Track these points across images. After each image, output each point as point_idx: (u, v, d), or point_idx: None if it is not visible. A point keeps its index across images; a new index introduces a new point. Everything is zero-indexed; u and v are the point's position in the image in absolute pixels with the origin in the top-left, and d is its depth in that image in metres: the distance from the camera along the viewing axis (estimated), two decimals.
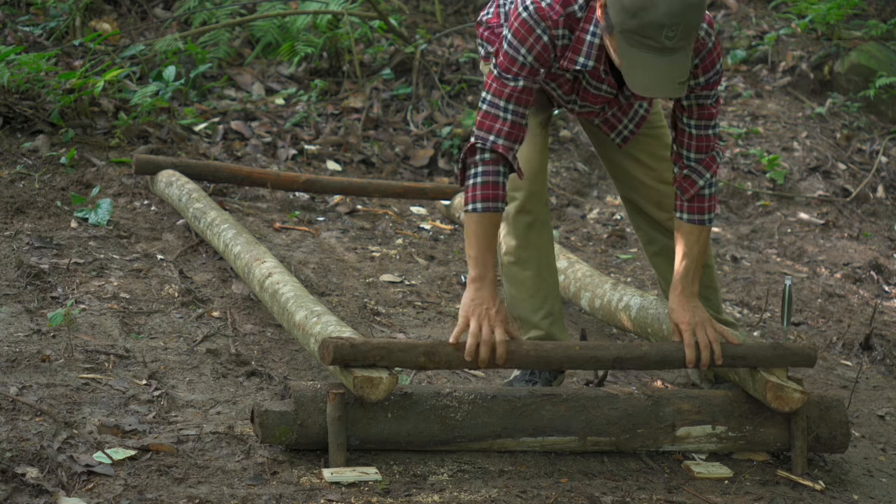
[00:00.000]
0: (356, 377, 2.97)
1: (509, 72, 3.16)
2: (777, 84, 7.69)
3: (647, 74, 2.95)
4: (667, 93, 2.99)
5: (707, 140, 3.30)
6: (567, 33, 3.13)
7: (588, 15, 3.12)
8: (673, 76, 2.94)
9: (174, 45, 6.48)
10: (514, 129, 3.18)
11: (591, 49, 3.14)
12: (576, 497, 2.97)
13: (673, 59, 2.92)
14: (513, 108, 3.17)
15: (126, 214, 4.98)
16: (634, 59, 2.95)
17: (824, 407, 3.34)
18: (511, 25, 3.15)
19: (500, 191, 3.18)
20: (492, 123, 3.18)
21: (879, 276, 5.64)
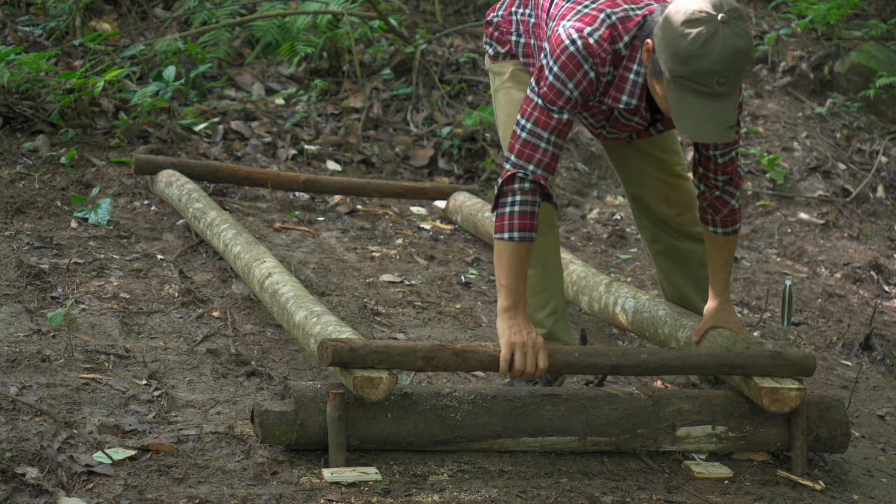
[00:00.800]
0: (356, 377, 2.97)
1: (555, 104, 3.18)
2: (777, 84, 7.69)
3: (698, 119, 3.00)
4: (718, 138, 3.05)
5: (732, 163, 3.39)
6: (612, 70, 3.17)
7: (632, 53, 3.14)
8: (722, 120, 3.00)
9: (174, 45, 6.48)
10: (553, 160, 3.22)
11: (634, 88, 3.18)
12: (576, 497, 2.97)
13: (722, 104, 2.98)
14: (554, 139, 3.21)
15: (126, 214, 4.98)
16: (685, 105, 3.00)
17: (824, 407, 3.34)
18: (557, 57, 3.15)
19: (535, 221, 3.23)
20: (532, 153, 3.20)
21: (879, 276, 5.64)
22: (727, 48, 2.92)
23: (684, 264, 3.75)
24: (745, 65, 2.98)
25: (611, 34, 3.13)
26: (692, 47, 2.93)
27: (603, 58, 3.13)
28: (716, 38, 2.92)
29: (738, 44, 2.94)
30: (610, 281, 4.17)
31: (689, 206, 3.65)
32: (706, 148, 3.35)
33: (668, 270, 3.73)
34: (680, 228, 3.68)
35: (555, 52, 3.15)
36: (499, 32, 3.55)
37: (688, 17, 2.96)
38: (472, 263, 5.04)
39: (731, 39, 2.93)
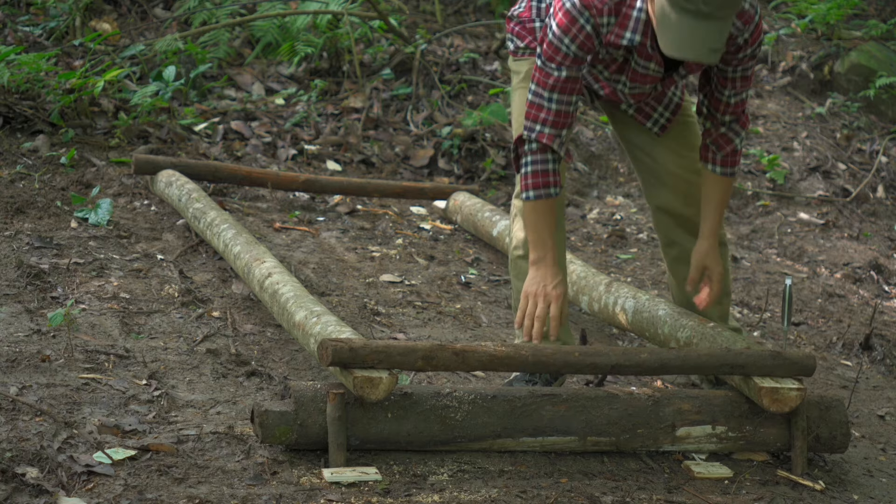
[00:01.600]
0: (356, 377, 2.97)
1: (553, 61, 3.24)
2: (777, 84, 7.69)
3: (680, 35, 3.01)
4: (697, 57, 3.04)
5: (742, 104, 3.40)
6: (613, 20, 3.20)
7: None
8: (704, 40, 3.00)
9: (174, 45, 6.48)
10: (560, 116, 3.27)
11: (637, 24, 3.19)
12: (576, 497, 2.97)
13: (709, 24, 2.98)
14: (557, 97, 3.26)
15: (126, 214, 4.98)
16: (668, 20, 3.01)
17: (824, 407, 3.34)
18: (555, 15, 3.22)
19: (551, 177, 3.31)
20: (537, 113, 3.29)
21: (879, 276, 5.64)
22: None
23: None
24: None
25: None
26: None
27: (599, 9, 3.18)
28: None
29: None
30: (610, 281, 4.16)
31: None
32: (721, 90, 3.36)
33: (683, 277, 3.72)
34: (696, 231, 3.68)
35: (555, 11, 3.22)
36: (520, 26, 3.57)
37: None
38: (472, 263, 5.04)
39: None
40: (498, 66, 7.44)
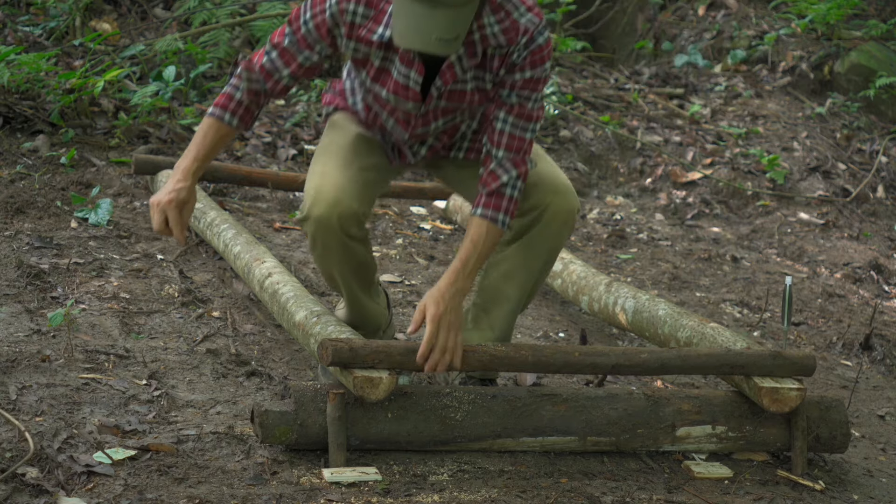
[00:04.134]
0: (356, 377, 2.97)
1: (291, 25, 3.15)
2: (777, 84, 7.69)
3: (407, 22, 2.86)
4: (426, 45, 2.85)
5: (521, 140, 3.14)
6: (362, 10, 3.05)
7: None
8: (432, 29, 2.83)
9: (174, 45, 6.48)
10: (265, 71, 3.17)
11: (391, 19, 3.01)
12: (576, 497, 2.97)
13: (437, 12, 2.82)
14: (275, 56, 3.17)
15: (126, 214, 4.98)
16: (400, 6, 2.86)
17: (824, 407, 3.34)
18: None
19: (231, 104, 3.19)
20: (259, 58, 3.20)
21: (879, 276, 5.64)
22: None
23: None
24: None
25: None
26: None
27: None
28: None
29: None
30: (610, 281, 4.17)
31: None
32: (497, 115, 3.12)
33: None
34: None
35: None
36: (329, 95, 3.50)
37: None
38: None
39: None
40: None
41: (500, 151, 3.14)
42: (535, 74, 3.09)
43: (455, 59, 3.07)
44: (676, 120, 7.19)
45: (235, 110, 3.20)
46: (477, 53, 3.07)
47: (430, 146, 3.37)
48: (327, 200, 3.13)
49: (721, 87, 7.66)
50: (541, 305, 4.67)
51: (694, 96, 7.61)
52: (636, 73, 8.03)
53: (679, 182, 6.61)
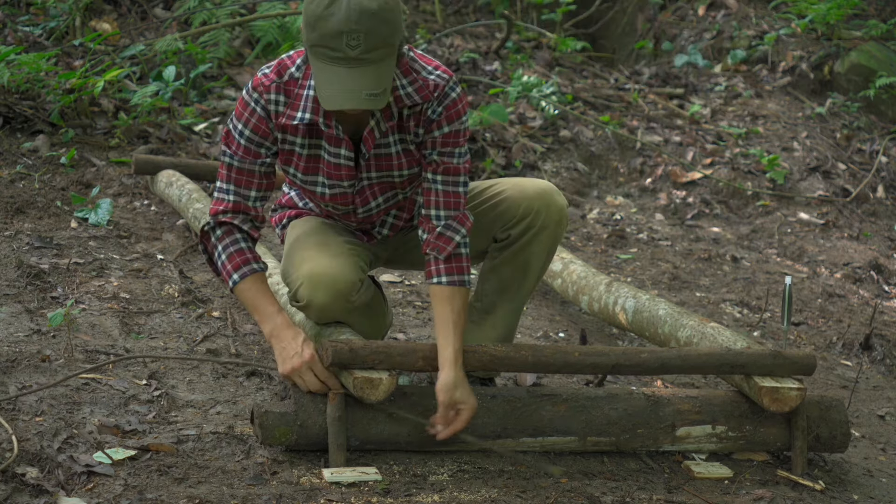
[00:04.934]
0: (356, 378, 2.97)
1: (229, 147, 3.12)
2: (777, 84, 7.69)
3: (332, 87, 2.86)
4: (353, 103, 2.86)
5: (456, 197, 3.15)
6: (282, 98, 3.06)
7: (307, 72, 3.05)
8: (360, 87, 2.85)
9: (174, 45, 6.48)
10: (238, 206, 3.14)
11: (307, 102, 3.04)
12: (576, 497, 2.97)
13: (361, 70, 2.84)
14: (233, 188, 3.13)
15: (126, 214, 4.98)
16: (322, 73, 2.87)
17: (824, 407, 3.33)
18: (236, 108, 3.13)
19: (248, 254, 3.14)
20: (216, 206, 3.16)
21: (879, 276, 5.64)
22: (352, 8, 2.82)
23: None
24: (379, 27, 2.84)
25: (279, 65, 3.08)
26: (317, 10, 2.85)
27: (267, 86, 3.05)
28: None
29: (365, 3, 2.83)
30: (610, 281, 4.17)
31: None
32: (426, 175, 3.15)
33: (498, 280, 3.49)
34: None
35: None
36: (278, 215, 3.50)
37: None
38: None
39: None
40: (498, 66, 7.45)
41: (439, 212, 3.14)
42: (452, 128, 3.11)
43: (373, 123, 3.08)
44: (676, 120, 7.19)
45: (256, 257, 3.16)
46: (393, 115, 3.08)
47: (391, 224, 3.38)
48: (325, 284, 3.11)
49: (721, 87, 7.66)
50: (541, 305, 4.68)
51: (694, 96, 7.61)
52: (636, 73, 8.03)
53: (679, 182, 6.61)
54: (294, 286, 3.16)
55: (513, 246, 3.34)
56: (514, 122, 6.73)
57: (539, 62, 7.76)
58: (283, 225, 3.48)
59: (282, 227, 3.48)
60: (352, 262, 3.17)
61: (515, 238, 3.33)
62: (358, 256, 3.23)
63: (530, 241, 3.32)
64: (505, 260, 3.35)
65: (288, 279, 3.21)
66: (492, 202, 3.34)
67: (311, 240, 3.23)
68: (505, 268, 3.36)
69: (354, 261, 3.19)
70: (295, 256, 3.20)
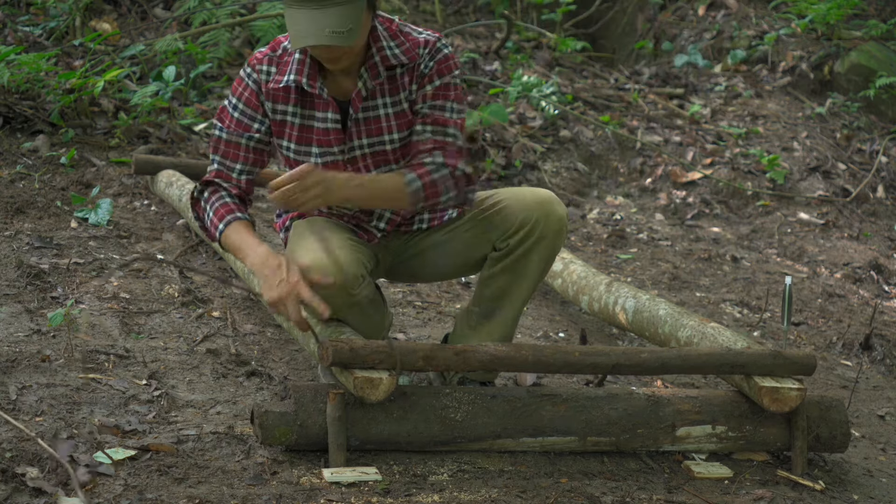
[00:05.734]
0: (356, 378, 2.97)
1: (221, 121, 3.26)
2: (777, 84, 7.69)
3: (299, 26, 2.98)
4: (318, 39, 2.96)
5: (443, 142, 3.19)
6: (274, 69, 3.20)
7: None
8: (324, 25, 2.95)
9: (174, 45, 6.48)
10: (220, 174, 3.26)
11: (293, 65, 3.17)
12: (576, 497, 2.98)
13: (325, 10, 2.95)
14: (219, 159, 3.26)
15: (126, 214, 4.98)
16: (290, 17, 2.99)
17: (824, 406, 3.33)
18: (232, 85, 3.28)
19: (233, 205, 3.23)
20: (208, 169, 3.29)
21: (879, 276, 5.64)
22: None
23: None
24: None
25: (274, 43, 3.23)
26: None
27: (260, 59, 3.21)
28: None
29: None
30: (610, 281, 4.17)
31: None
32: (415, 129, 3.19)
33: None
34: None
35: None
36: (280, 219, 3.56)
37: None
38: None
39: None
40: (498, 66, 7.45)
41: (425, 157, 3.18)
42: (444, 81, 3.18)
43: (360, 84, 3.15)
44: (676, 120, 7.20)
45: (241, 209, 3.24)
46: (380, 73, 3.16)
47: (388, 219, 3.38)
48: (328, 274, 3.12)
49: (721, 87, 7.67)
50: (541, 305, 4.68)
51: (694, 96, 7.61)
52: (636, 73, 8.04)
53: (679, 182, 6.61)
54: None
55: (511, 255, 3.33)
56: (514, 122, 6.73)
57: (539, 62, 7.76)
58: (286, 228, 3.49)
59: (285, 229, 3.50)
60: (354, 257, 3.19)
61: (514, 247, 3.32)
62: (360, 253, 3.25)
63: (528, 250, 3.32)
64: (503, 269, 3.35)
65: None
66: (490, 211, 3.35)
67: (314, 236, 3.24)
68: (503, 276, 3.35)
69: (357, 255, 3.21)
70: (298, 250, 3.22)
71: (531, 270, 3.35)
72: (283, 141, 3.25)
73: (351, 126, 3.20)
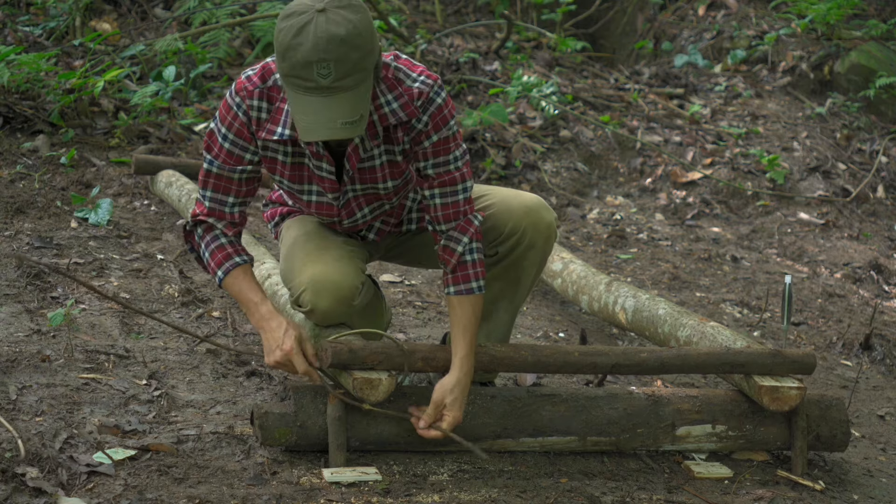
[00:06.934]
0: (356, 379, 2.97)
1: (210, 151, 3.10)
2: (777, 84, 7.69)
3: (308, 117, 2.80)
4: (329, 134, 2.80)
5: (455, 207, 3.11)
6: (265, 105, 3.01)
7: None
8: (335, 116, 2.79)
9: (174, 45, 6.48)
10: (213, 212, 3.14)
11: (287, 117, 2.99)
12: (576, 497, 2.97)
13: (335, 98, 2.78)
14: (210, 194, 3.11)
15: (126, 214, 4.98)
16: (297, 104, 2.82)
17: (824, 406, 3.33)
18: (219, 110, 3.10)
19: (229, 248, 3.14)
20: (195, 208, 3.16)
21: (879, 276, 5.64)
22: (320, 36, 2.75)
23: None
24: (349, 53, 2.77)
25: (263, 69, 3.02)
26: (286, 40, 2.81)
27: (250, 91, 3.00)
28: (308, 27, 2.79)
29: (333, 30, 2.76)
30: (610, 280, 4.17)
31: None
32: (423, 192, 3.12)
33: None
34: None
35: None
36: (270, 208, 3.49)
37: (288, 11, 2.87)
38: None
39: (326, 26, 2.77)
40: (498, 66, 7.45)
41: (440, 226, 3.12)
42: (441, 136, 3.05)
43: (358, 141, 3.03)
44: (676, 120, 7.20)
45: (238, 251, 3.16)
46: (378, 133, 3.04)
47: (377, 230, 3.36)
48: (328, 290, 3.10)
49: (721, 87, 7.67)
50: (541, 305, 4.68)
51: (694, 96, 7.61)
52: (636, 73, 8.04)
53: (679, 182, 6.61)
54: (297, 291, 3.15)
55: (502, 262, 3.31)
56: (514, 122, 6.73)
57: (539, 62, 7.76)
58: (275, 222, 3.47)
59: (274, 223, 3.47)
60: (353, 267, 3.16)
61: (504, 255, 3.30)
62: (357, 258, 3.23)
63: (519, 257, 3.30)
64: (495, 275, 3.32)
65: (290, 284, 3.20)
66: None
67: (311, 243, 3.21)
68: (496, 282, 3.33)
69: (355, 264, 3.18)
70: (295, 260, 3.19)
71: (523, 277, 3.33)
72: (276, 175, 3.16)
73: (346, 177, 3.11)
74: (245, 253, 3.17)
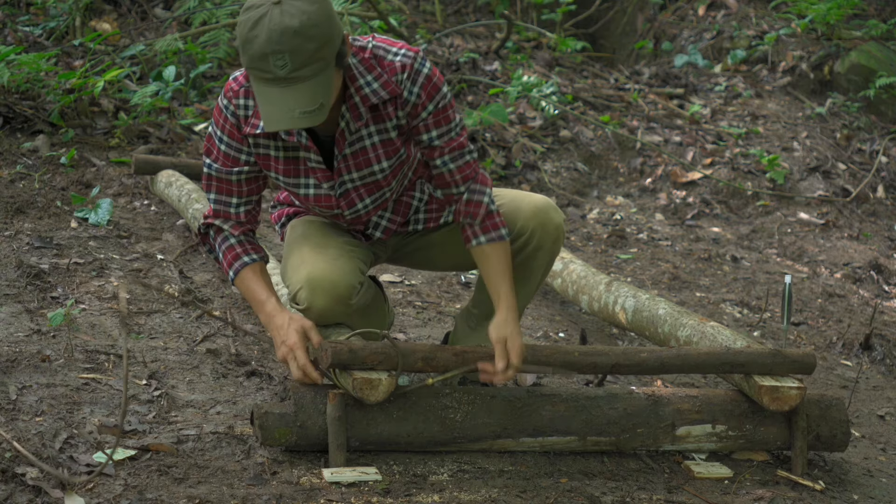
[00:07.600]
0: (356, 379, 2.97)
1: (210, 154, 3.15)
2: (777, 84, 7.70)
3: (268, 107, 2.82)
4: (288, 124, 2.82)
5: (468, 166, 3.17)
6: (251, 102, 3.04)
7: None
8: (293, 106, 2.80)
9: (174, 45, 6.48)
10: (218, 214, 3.19)
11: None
12: (576, 497, 2.98)
13: (293, 89, 2.80)
14: (214, 196, 3.18)
15: (126, 214, 4.98)
16: (259, 95, 2.84)
17: (824, 406, 3.34)
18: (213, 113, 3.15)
19: (238, 248, 3.19)
20: (206, 211, 3.23)
21: (879, 276, 5.64)
22: (273, 28, 2.76)
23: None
24: (304, 44, 2.77)
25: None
26: (244, 32, 2.82)
27: (236, 90, 3.04)
28: (263, 20, 2.79)
29: (287, 22, 2.76)
30: (610, 280, 4.17)
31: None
32: (433, 162, 3.14)
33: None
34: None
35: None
36: (277, 212, 3.52)
37: (248, 4, 2.86)
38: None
39: (280, 19, 2.78)
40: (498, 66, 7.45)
41: (461, 187, 3.17)
42: (437, 105, 3.07)
43: (343, 125, 3.05)
44: (676, 120, 7.20)
45: (247, 249, 3.20)
46: (362, 115, 3.04)
47: (384, 228, 3.36)
48: (324, 288, 3.12)
49: (721, 87, 7.67)
50: (541, 305, 4.68)
51: (694, 96, 7.61)
52: (636, 73, 8.04)
53: (679, 182, 6.62)
54: (293, 289, 3.16)
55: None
56: (514, 122, 6.73)
57: (539, 62, 7.76)
58: (282, 223, 3.48)
59: (281, 224, 3.49)
60: (351, 266, 3.17)
61: (512, 255, 3.31)
62: (357, 258, 3.23)
63: (528, 258, 3.32)
64: None
65: (287, 282, 3.22)
66: None
67: (310, 241, 3.23)
68: None
69: (354, 263, 3.19)
70: (293, 258, 3.21)
71: (530, 277, 3.35)
72: (271, 172, 3.18)
73: (338, 163, 3.12)
74: (255, 251, 3.21)
